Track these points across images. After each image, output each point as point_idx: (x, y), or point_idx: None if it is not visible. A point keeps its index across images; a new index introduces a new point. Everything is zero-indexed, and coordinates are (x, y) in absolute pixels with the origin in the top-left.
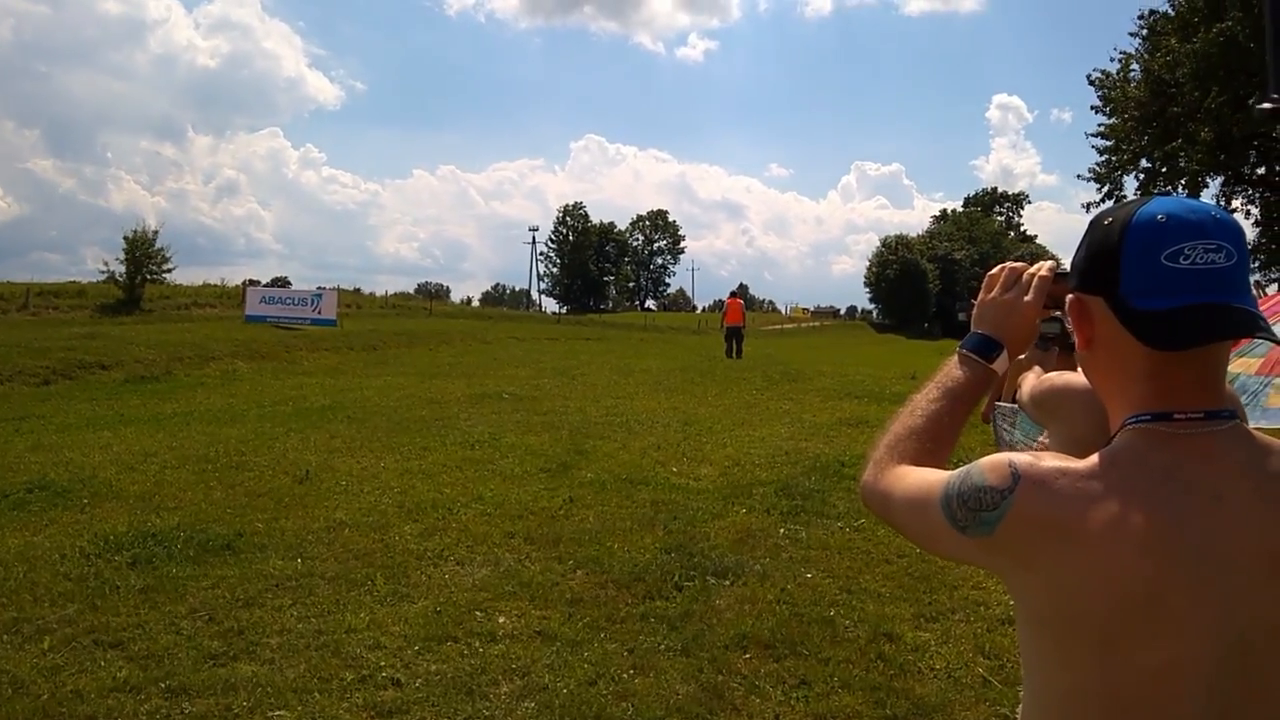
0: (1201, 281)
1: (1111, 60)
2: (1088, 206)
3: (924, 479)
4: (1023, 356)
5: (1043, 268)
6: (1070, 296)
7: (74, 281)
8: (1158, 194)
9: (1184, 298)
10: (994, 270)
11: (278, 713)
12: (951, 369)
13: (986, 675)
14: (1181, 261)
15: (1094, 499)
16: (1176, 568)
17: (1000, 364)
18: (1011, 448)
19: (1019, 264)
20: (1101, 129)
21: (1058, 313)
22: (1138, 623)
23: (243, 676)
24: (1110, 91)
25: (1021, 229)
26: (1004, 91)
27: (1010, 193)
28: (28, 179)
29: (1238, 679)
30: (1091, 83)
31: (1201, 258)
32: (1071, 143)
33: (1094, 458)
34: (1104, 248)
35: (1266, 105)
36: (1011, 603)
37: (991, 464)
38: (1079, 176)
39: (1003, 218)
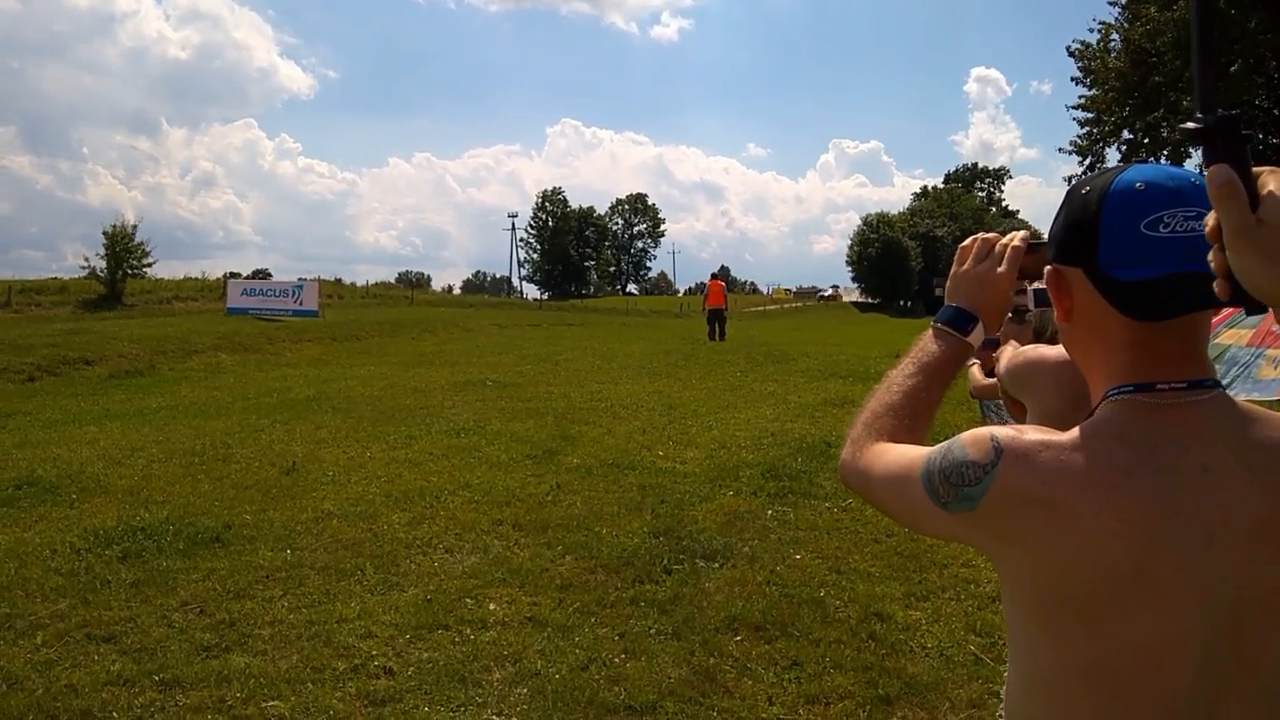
0: (1182, 249)
1: (1091, 31)
2: (1070, 179)
3: (904, 455)
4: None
5: (1015, 238)
6: (1048, 268)
7: (55, 278)
8: (1137, 162)
9: (1164, 267)
10: (965, 242)
11: (271, 703)
12: (926, 343)
13: (978, 653)
14: (1161, 230)
15: (1079, 472)
16: (1164, 540)
17: (975, 336)
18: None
19: (991, 235)
20: (1082, 101)
21: (1033, 284)
22: (1126, 597)
23: (236, 668)
24: (1090, 63)
25: (1003, 204)
26: (982, 64)
27: (991, 168)
28: (5, 176)
29: (1228, 650)
30: (1071, 54)
31: (1182, 225)
32: (1052, 115)
33: (1076, 430)
34: (1082, 218)
35: (1190, 125)
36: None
37: (973, 438)
38: (1060, 150)
39: (984, 193)
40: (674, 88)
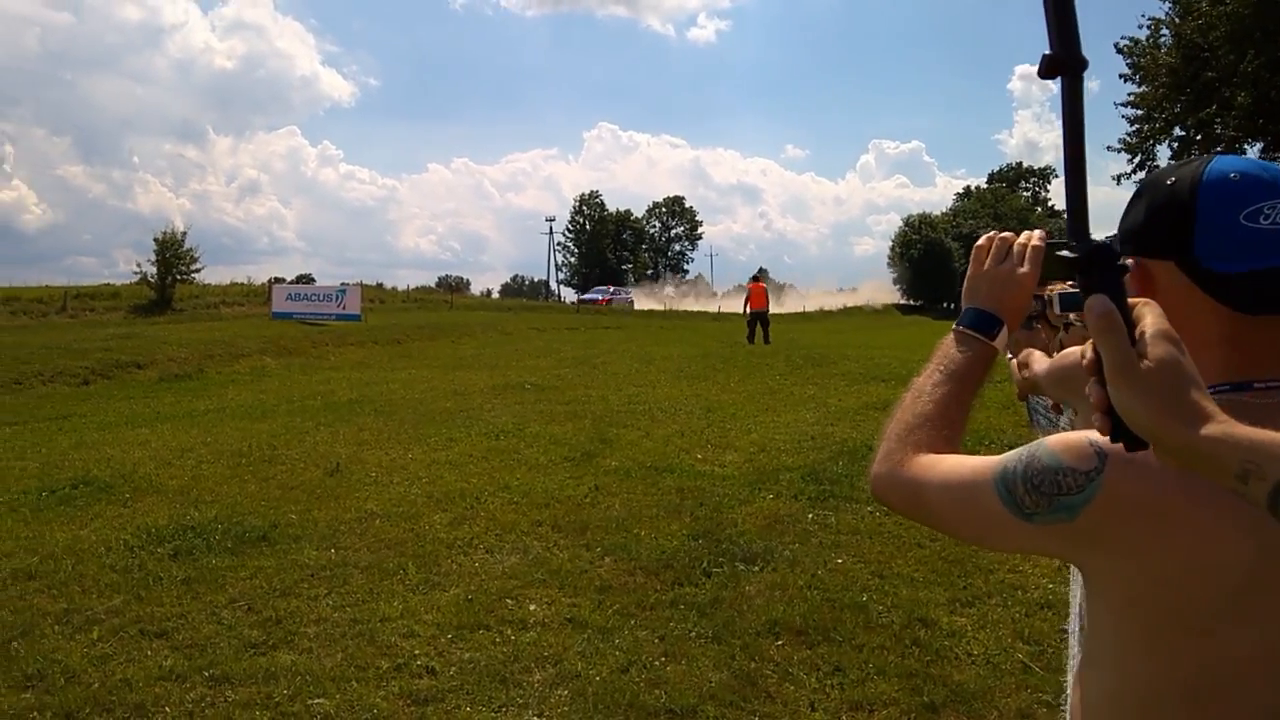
0: None
1: (1140, 27)
2: (1119, 179)
3: (963, 465)
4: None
5: (1034, 237)
6: (1130, 261)
7: (108, 284)
8: (1219, 153)
9: (1269, 259)
10: (981, 242)
11: (317, 700)
12: (950, 349)
13: (1027, 661)
14: (1262, 221)
15: (1188, 477)
16: (1274, 548)
17: (1001, 340)
18: (1048, 433)
19: (1008, 234)
20: (1131, 98)
21: (1059, 286)
22: (1237, 607)
23: (282, 665)
24: (1140, 59)
25: (1049, 204)
26: (1026, 62)
27: (1036, 167)
28: (60, 185)
29: None
30: (1119, 51)
31: None
32: (1100, 112)
33: None
34: (1171, 209)
35: (1065, 254)
36: (1050, 586)
37: (1065, 444)
38: (1109, 148)
39: (1029, 193)
40: (711, 90)
